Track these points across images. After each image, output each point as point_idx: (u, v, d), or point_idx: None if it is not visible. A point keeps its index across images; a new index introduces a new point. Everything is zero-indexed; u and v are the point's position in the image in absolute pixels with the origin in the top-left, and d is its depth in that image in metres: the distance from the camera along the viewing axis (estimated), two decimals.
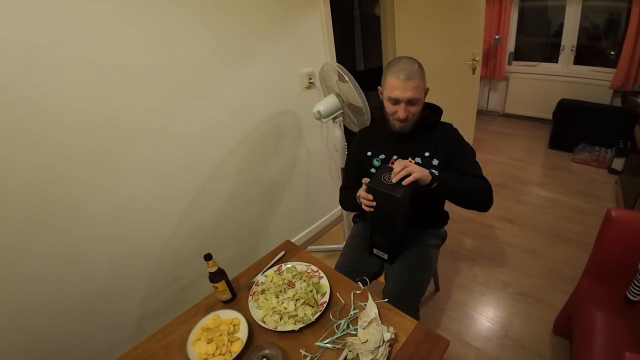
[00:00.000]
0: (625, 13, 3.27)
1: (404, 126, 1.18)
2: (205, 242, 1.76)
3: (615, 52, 3.39)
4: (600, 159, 3.07)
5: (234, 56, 1.61)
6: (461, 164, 1.20)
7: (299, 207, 2.23)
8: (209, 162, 1.66)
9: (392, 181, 1.02)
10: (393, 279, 1.22)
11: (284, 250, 1.28)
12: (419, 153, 1.23)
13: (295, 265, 1.16)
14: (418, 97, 1.11)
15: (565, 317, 1.57)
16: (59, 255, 1.27)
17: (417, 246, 1.31)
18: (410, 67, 1.10)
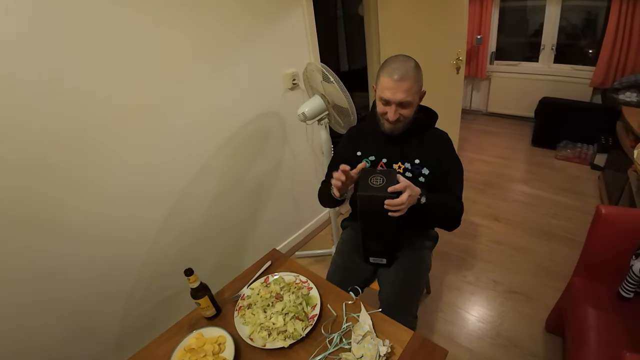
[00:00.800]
0: (604, 12, 3.34)
1: (394, 128, 1.13)
2: (190, 249, 1.69)
3: (595, 50, 3.46)
4: (582, 156, 3.12)
5: (215, 56, 1.54)
6: (447, 180, 1.17)
7: (285, 211, 2.17)
8: (191, 165, 1.59)
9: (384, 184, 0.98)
10: (388, 284, 1.17)
11: (270, 260, 1.22)
12: (409, 158, 1.18)
13: (282, 275, 1.10)
14: (410, 101, 1.05)
15: (557, 315, 1.57)
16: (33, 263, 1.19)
17: (410, 248, 1.27)
18: (405, 67, 1.04)
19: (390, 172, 1.03)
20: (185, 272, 0.94)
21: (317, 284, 1.06)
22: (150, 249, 1.53)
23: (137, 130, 1.35)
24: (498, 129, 4.11)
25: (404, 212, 0.98)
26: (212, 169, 1.67)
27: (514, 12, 4.02)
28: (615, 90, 2.84)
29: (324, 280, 1.11)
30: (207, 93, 1.55)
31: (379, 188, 0.98)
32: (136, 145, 1.37)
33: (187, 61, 1.44)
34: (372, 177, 1.01)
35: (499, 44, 4.19)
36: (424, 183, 1.17)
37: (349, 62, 3.69)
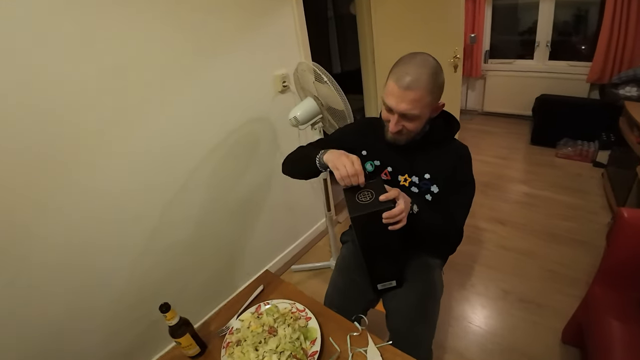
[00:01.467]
0: (598, 6, 3.29)
1: (396, 139, 0.99)
2: (175, 269, 1.54)
3: (590, 45, 3.40)
4: (584, 153, 3.04)
5: (195, 58, 1.41)
6: (451, 201, 1.03)
7: (278, 224, 2.03)
8: (172, 179, 1.45)
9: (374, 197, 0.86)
10: (398, 312, 1.03)
11: (262, 284, 1.08)
12: (418, 171, 1.04)
13: (276, 304, 0.97)
14: (416, 114, 0.89)
15: (575, 326, 1.47)
16: None
17: (419, 267, 1.13)
18: (418, 73, 0.86)
19: (376, 183, 0.90)
20: (160, 308, 0.80)
21: (317, 312, 0.93)
22: (131, 273, 1.38)
23: (111, 142, 1.22)
24: (495, 129, 4.03)
25: (405, 222, 0.86)
26: (196, 182, 1.53)
27: (507, 9, 3.96)
28: (614, 85, 2.77)
29: (324, 307, 0.97)
30: (187, 100, 1.42)
31: (370, 203, 0.85)
32: (109, 160, 1.23)
33: (163, 65, 1.30)
34: (359, 194, 0.88)
35: (492, 43, 4.13)
36: (430, 202, 1.03)
37: (342, 64, 3.58)
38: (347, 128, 1.21)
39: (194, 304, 1.65)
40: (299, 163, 1.11)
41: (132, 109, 1.25)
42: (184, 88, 1.39)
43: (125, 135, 1.25)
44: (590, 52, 3.30)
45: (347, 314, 1.01)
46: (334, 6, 3.35)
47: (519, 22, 3.96)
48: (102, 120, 1.18)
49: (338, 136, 1.19)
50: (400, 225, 0.85)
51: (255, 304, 1.01)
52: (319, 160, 0.96)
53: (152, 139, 1.33)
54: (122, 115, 1.23)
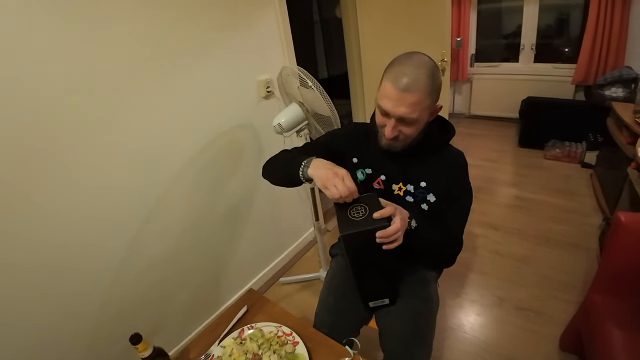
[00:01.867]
0: (582, 9, 3.33)
1: (392, 145, 0.91)
2: (154, 288, 1.44)
3: (574, 48, 3.44)
4: (571, 154, 3.05)
5: (175, 62, 1.33)
6: (449, 211, 0.97)
7: (265, 235, 1.94)
8: (151, 190, 1.35)
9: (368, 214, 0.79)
10: (393, 331, 0.96)
11: (245, 304, 1.00)
12: (413, 179, 0.97)
13: (261, 327, 0.89)
14: (415, 118, 0.82)
15: (572, 333, 1.42)
16: None
17: (414, 281, 1.06)
18: (416, 74, 0.79)
19: (370, 197, 0.83)
20: (130, 339, 0.71)
21: (305, 336, 0.85)
22: (108, 294, 1.28)
23: (77, 154, 1.12)
24: (483, 132, 4.04)
25: (401, 241, 0.79)
26: (176, 193, 1.44)
27: (492, 13, 3.99)
28: (600, 86, 2.78)
29: (313, 330, 0.90)
30: (164, 106, 1.33)
31: (364, 220, 0.78)
32: (76, 174, 1.13)
33: (135, 69, 1.22)
34: (351, 209, 0.81)
35: (478, 46, 4.15)
36: (426, 212, 0.97)
37: (328, 69, 3.54)
38: (337, 132, 1.13)
39: (175, 326, 1.56)
40: (280, 169, 0.99)
41: (100, 116, 1.16)
42: (161, 94, 1.31)
43: (94, 145, 1.16)
44: (575, 54, 3.34)
45: (339, 334, 0.94)
46: (320, 10, 3.31)
47: (504, 25, 3.99)
48: (68, 129, 1.08)
49: (327, 140, 1.10)
50: (396, 244, 0.78)
51: (238, 327, 0.93)
52: (303, 173, 0.86)
53: (124, 148, 1.24)
54: (89, 124, 1.14)
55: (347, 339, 0.83)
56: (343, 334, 0.96)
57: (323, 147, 1.06)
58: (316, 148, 1.07)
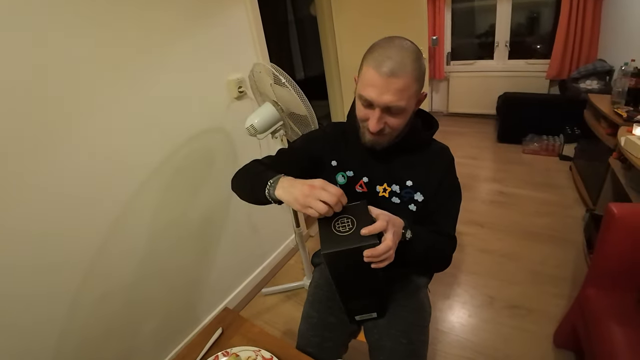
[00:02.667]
0: (554, 6, 3.40)
1: (377, 142, 0.82)
2: (121, 312, 1.30)
3: (548, 43, 3.50)
4: (549, 148, 3.08)
5: (134, 61, 1.20)
6: (440, 210, 0.89)
7: (243, 244, 1.82)
8: (109, 206, 1.21)
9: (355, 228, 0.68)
10: (384, 348, 0.87)
11: (220, 325, 0.89)
12: (398, 178, 0.88)
13: (238, 352, 0.78)
14: (402, 107, 0.74)
15: (567, 329, 1.39)
16: None
17: (403, 290, 0.98)
18: (401, 56, 0.70)
19: (358, 207, 0.72)
20: None
21: (287, 359, 0.75)
22: (65, 328, 1.13)
23: (22, 165, 0.98)
24: (462, 129, 4.06)
25: (393, 259, 0.69)
26: (139, 207, 1.30)
27: (466, 12, 4.04)
28: (574, 80, 2.82)
29: (295, 352, 0.79)
30: (123, 109, 1.20)
31: (349, 235, 0.67)
32: (20, 190, 0.99)
33: (91, 70, 1.09)
34: (336, 222, 0.70)
35: (453, 45, 4.19)
36: (415, 212, 0.88)
37: (305, 69, 3.45)
38: (313, 134, 1.03)
39: (145, 355, 1.41)
40: (246, 186, 0.88)
41: (50, 121, 1.02)
42: (117, 95, 1.18)
43: (43, 154, 1.02)
44: (548, 50, 3.39)
45: (325, 353, 0.85)
46: (294, 9, 3.23)
47: (478, 24, 4.05)
48: (16, 136, 0.95)
49: (302, 144, 0.99)
50: (387, 262, 0.69)
51: (212, 353, 0.82)
52: (270, 194, 0.76)
53: (76, 158, 1.10)
54: (39, 131, 1.00)
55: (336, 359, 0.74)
56: (330, 352, 0.87)
57: (299, 152, 0.97)
58: (291, 154, 0.97)
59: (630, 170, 1.66)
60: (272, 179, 0.76)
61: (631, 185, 1.61)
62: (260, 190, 0.77)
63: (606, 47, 2.88)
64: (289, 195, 0.71)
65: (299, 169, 0.90)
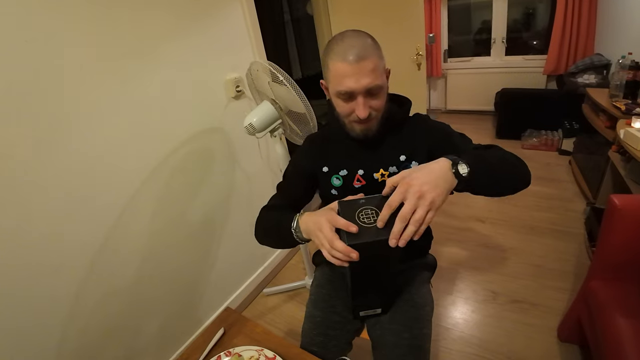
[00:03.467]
0: (550, 0, 3.39)
1: (368, 129, 0.84)
2: (121, 317, 1.29)
3: (544, 39, 3.51)
4: (548, 142, 3.08)
5: (130, 61, 1.20)
6: (455, 151, 0.77)
7: (244, 244, 1.81)
8: (109, 207, 1.21)
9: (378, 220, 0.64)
10: (387, 344, 0.86)
11: (222, 326, 0.88)
12: (391, 159, 0.89)
13: (240, 352, 0.77)
14: (379, 84, 0.76)
15: (571, 323, 1.38)
16: None
17: (406, 285, 0.97)
18: (362, 42, 0.75)
19: (381, 198, 0.68)
20: None
21: (290, 358, 0.74)
22: (64, 329, 1.12)
23: (29, 165, 0.97)
24: (460, 126, 3.98)
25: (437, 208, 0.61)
26: (139, 208, 1.29)
27: (462, 9, 4.04)
28: (572, 74, 2.82)
29: (299, 350, 0.79)
30: (121, 111, 1.19)
31: (376, 227, 0.64)
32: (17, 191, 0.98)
33: (87, 71, 1.08)
34: (360, 213, 0.67)
35: (450, 42, 4.19)
36: None
37: (302, 69, 3.44)
38: (297, 154, 1.03)
39: (147, 358, 1.40)
40: (275, 238, 0.90)
41: (46, 122, 1.01)
42: (114, 96, 1.17)
43: (45, 156, 1.01)
44: (545, 45, 3.39)
45: (330, 352, 0.85)
46: (290, 9, 3.22)
47: (474, 20, 4.05)
48: (6, 138, 0.94)
49: (292, 169, 1.01)
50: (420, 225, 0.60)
51: (214, 353, 0.81)
52: (298, 237, 0.79)
53: (74, 161, 1.09)
54: (38, 133, 0.99)
55: (339, 358, 0.73)
56: (335, 351, 0.87)
57: (293, 177, 0.99)
58: (289, 183, 1.00)
59: (629, 163, 1.66)
60: (293, 224, 0.79)
61: (631, 177, 1.61)
62: (289, 237, 0.80)
63: (603, 41, 2.88)
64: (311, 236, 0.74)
65: (301, 190, 0.97)
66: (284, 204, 0.95)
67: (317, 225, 0.69)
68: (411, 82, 2.51)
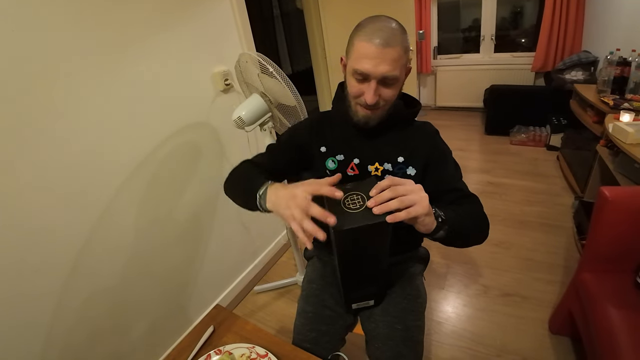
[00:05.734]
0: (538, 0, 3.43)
1: (371, 116, 0.82)
2: (110, 315, 1.24)
3: (533, 36, 3.55)
4: (536, 138, 3.12)
5: (113, 53, 1.15)
6: (444, 179, 0.86)
7: (234, 241, 1.77)
8: (92, 203, 1.15)
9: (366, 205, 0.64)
10: (380, 336, 0.85)
11: (212, 323, 0.85)
12: (389, 157, 0.87)
13: (231, 350, 0.74)
14: (396, 76, 0.75)
15: (562, 315, 1.39)
16: None
17: (398, 278, 0.96)
18: (391, 28, 0.73)
19: (368, 183, 0.68)
20: None
21: (284, 355, 0.72)
22: (49, 333, 1.08)
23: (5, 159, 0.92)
24: (450, 122, 4.08)
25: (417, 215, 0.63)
26: (123, 205, 1.24)
27: (452, 6, 4.06)
28: (559, 71, 2.85)
29: (291, 346, 0.76)
30: (103, 105, 1.14)
31: (361, 212, 0.63)
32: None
33: (72, 62, 1.04)
34: (346, 199, 0.66)
35: (440, 39, 4.21)
36: None
37: (292, 64, 3.41)
38: (299, 124, 1.02)
39: (137, 356, 1.36)
40: (239, 193, 0.87)
41: (28, 117, 0.96)
42: (98, 90, 1.12)
43: (21, 151, 0.96)
44: (533, 43, 3.43)
45: (324, 348, 0.83)
46: (280, 3, 3.18)
47: (463, 18, 4.07)
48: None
49: (289, 137, 0.99)
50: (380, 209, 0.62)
51: (204, 352, 0.78)
52: (260, 203, 0.75)
53: (56, 156, 1.04)
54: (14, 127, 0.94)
55: (333, 354, 0.71)
56: (328, 347, 0.85)
57: (286, 144, 0.97)
58: (279, 148, 0.98)
59: (618, 156, 1.68)
60: (261, 190, 0.75)
61: (619, 171, 1.63)
62: (252, 200, 0.77)
63: (590, 38, 2.92)
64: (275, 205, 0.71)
65: (289, 161, 0.94)
66: (265, 167, 0.91)
67: (290, 194, 0.67)
68: None
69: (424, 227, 0.67)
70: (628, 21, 2.28)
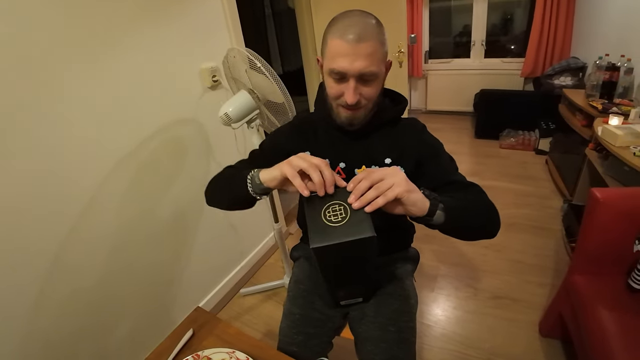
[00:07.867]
0: (528, 5, 3.49)
1: (354, 117, 0.78)
2: (90, 315, 1.19)
3: (522, 42, 3.59)
4: (525, 142, 3.14)
5: (97, 46, 1.10)
6: (439, 174, 0.81)
7: (220, 242, 1.72)
8: (73, 199, 1.10)
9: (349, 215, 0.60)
10: (370, 338, 0.81)
11: (191, 327, 0.81)
12: (376, 158, 0.84)
13: (210, 355, 0.70)
14: (375, 71, 0.71)
15: (553, 318, 1.38)
16: None
17: (390, 279, 0.93)
18: (364, 22, 0.69)
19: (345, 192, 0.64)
20: None
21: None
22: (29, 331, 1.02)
23: None
24: (440, 125, 4.10)
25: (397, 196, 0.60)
26: (105, 203, 1.19)
27: (443, 11, 4.09)
28: (549, 76, 2.88)
29: (275, 352, 0.72)
30: (87, 99, 1.09)
31: (342, 226, 0.59)
32: None
33: (51, 52, 0.99)
34: (326, 210, 0.61)
35: (431, 44, 4.23)
36: None
37: (283, 64, 3.38)
38: (281, 129, 0.98)
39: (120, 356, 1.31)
40: (224, 189, 0.84)
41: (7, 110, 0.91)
42: (83, 84, 1.07)
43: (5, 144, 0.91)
44: (523, 48, 3.48)
45: (311, 351, 0.79)
46: (271, 2, 3.15)
47: (454, 23, 4.10)
48: None
49: (271, 142, 0.95)
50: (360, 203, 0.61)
51: (182, 356, 0.74)
52: (252, 181, 0.73)
53: (38, 149, 0.99)
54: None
55: (319, 359, 0.67)
56: (316, 350, 0.81)
57: (269, 150, 0.93)
58: (262, 153, 0.94)
59: (607, 159, 1.69)
60: (253, 171, 0.74)
61: (608, 173, 1.64)
62: (242, 187, 0.74)
63: (579, 45, 2.96)
64: (274, 171, 0.69)
65: None
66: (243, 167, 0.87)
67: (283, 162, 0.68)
68: (394, 80, 2.49)
69: (414, 207, 0.63)
70: (616, 28, 2.31)
